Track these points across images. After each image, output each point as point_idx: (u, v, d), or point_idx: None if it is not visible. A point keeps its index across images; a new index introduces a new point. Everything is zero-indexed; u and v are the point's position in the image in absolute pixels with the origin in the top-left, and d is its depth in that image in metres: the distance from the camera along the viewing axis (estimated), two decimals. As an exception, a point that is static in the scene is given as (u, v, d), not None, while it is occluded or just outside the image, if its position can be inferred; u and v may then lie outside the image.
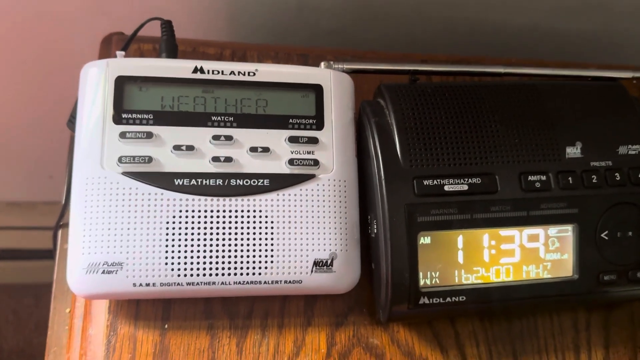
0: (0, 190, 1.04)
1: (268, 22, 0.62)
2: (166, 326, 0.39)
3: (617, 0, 0.60)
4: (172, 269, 0.37)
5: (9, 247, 1.12)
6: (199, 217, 0.37)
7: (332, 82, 0.42)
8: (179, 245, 0.37)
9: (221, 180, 0.38)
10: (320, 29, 0.64)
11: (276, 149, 0.39)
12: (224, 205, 0.38)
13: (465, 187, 0.39)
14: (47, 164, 0.92)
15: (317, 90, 0.41)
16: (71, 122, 0.44)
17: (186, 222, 0.37)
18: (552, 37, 0.66)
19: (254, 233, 0.38)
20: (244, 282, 0.37)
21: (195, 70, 0.40)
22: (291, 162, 0.39)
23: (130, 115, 0.38)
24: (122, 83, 0.39)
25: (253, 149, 0.39)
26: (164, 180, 0.37)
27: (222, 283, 0.37)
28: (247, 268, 0.37)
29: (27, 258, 1.12)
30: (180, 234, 0.37)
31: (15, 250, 1.12)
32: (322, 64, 0.43)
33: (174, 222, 0.37)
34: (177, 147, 0.38)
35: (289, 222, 0.38)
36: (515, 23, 0.64)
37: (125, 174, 0.37)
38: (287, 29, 0.63)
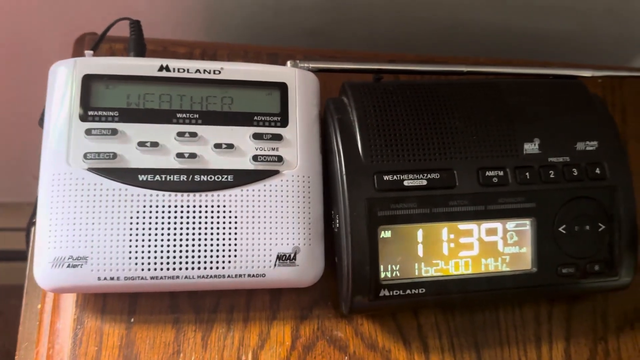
0: (-14, 192, 1.05)
1: (246, 22, 0.63)
2: (132, 320, 0.40)
3: (589, 1, 0.61)
4: (136, 263, 0.37)
5: (-4, 249, 1.12)
6: (163, 212, 0.38)
7: (297, 80, 0.43)
8: (143, 240, 0.37)
9: (185, 176, 0.39)
10: (299, 29, 0.65)
11: (241, 146, 0.40)
12: (187, 201, 0.38)
13: (424, 182, 0.40)
14: (30, 165, 0.92)
15: (282, 88, 0.42)
16: (42, 120, 0.44)
17: (150, 217, 0.38)
18: (526, 37, 0.67)
19: (218, 228, 0.39)
20: (207, 275, 0.38)
21: (161, 68, 0.41)
22: (255, 158, 0.40)
23: (96, 113, 0.39)
24: (89, 81, 0.40)
25: (217, 146, 0.40)
26: (128, 176, 0.38)
27: (186, 277, 0.38)
28: (211, 262, 0.38)
29: (12, 259, 1.13)
30: (144, 229, 0.38)
31: (1, 251, 1.12)
32: (288, 62, 0.44)
33: (137, 217, 0.38)
34: (141, 144, 0.39)
35: (253, 217, 0.39)
36: (491, 23, 0.65)
37: (91, 170, 0.38)
38: (266, 29, 0.64)
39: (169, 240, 0.38)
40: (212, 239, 0.38)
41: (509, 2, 0.61)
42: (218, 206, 0.39)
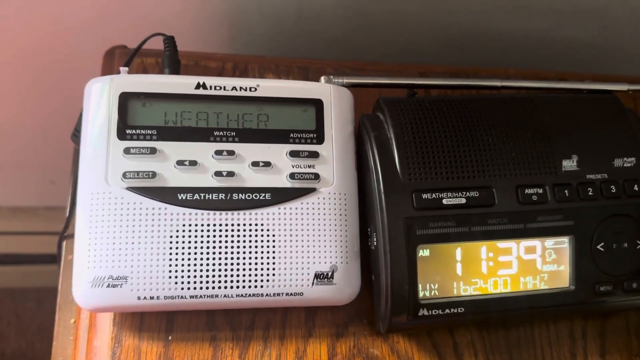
0: (3, 196, 1.05)
1: (268, 31, 0.63)
2: (170, 338, 0.40)
3: (611, 6, 0.60)
4: (176, 283, 0.37)
5: (12, 252, 1.13)
6: (202, 231, 0.38)
7: (332, 96, 0.42)
8: (182, 259, 0.37)
9: (224, 195, 0.39)
10: (320, 38, 0.65)
11: (277, 163, 0.40)
12: (226, 220, 0.38)
13: (463, 201, 0.39)
14: (49, 170, 0.92)
15: (317, 104, 0.42)
16: (75, 135, 0.44)
17: (189, 236, 0.38)
18: (547, 44, 0.67)
19: (256, 246, 0.39)
20: (246, 294, 0.38)
21: (198, 86, 0.40)
22: (292, 176, 0.40)
23: (134, 131, 0.39)
24: (126, 99, 0.39)
25: (255, 164, 0.40)
26: (167, 195, 0.38)
27: (225, 296, 0.38)
28: (250, 281, 0.38)
29: (29, 262, 1.13)
30: (183, 248, 0.38)
31: (18, 255, 1.13)
32: (322, 78, 0.44)
33: (177, 237, 0.38)
34: (180, 162, 0.39)
35: (290, 235, 0.39)
36: (512, 30, 0.64)
37: (130, 189, 0.38)
38: (288, 38, 0.64)
39: (208, 259, 0.38)
40: (250, 258, 0.38)
41: (530, 9, 0.61)
42: (256, 225, 0.39)
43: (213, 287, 0.38)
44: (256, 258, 0.38)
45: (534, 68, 0.61)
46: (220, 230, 0.38)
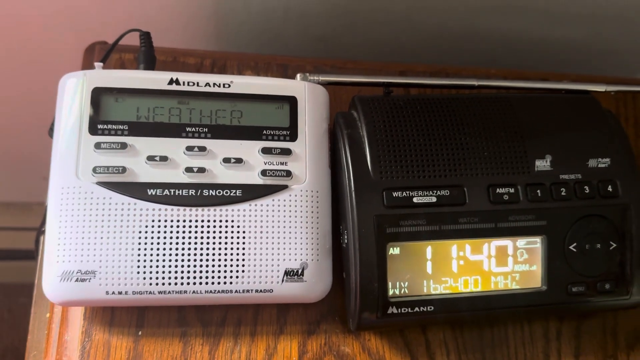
0: (-5, 192, 1.05)
1: (256, 29, 0.63)
2: (140, 333, 0.40)
3: (600, 8, 0.60)
4: (144, 278, 0.37)
5: (4, 247, 1.13)
6: (172, 226, 0.38)
7: (307, 94, 0.42)
8: (151, 255, 0.37)
9: (194, 191, 0.39)
10: (308, 36, 0.65)
11: (249, 160, 0.40)
12: (196, 215, 0.38)
13: (434, 199, 0.39)
14: (41, 166, 0.92)
15: (291, 101, 0.42)
16: (51, 130, 0.44)
17: (159, 232, 0.38)
18: (536, 45, 0.67)
19: (226, 243, 0.39)
20: (215, 290, 0.38)
21: (171, 82, 0.40)
22: (264, 172, 0.40)
23: (105, 126, 0.39)
24: (98, 94, 0.40)
25: (226, 160, 0.40)
26: (137, 190, 0.38)
27: (194, 292, 0.38)
28: (219, 277, 0.38)
29: (21, 258, 1.14)
30: (152, 244, 0.38)
31: (10, 250, 1.13)
32: (298, 75, 0.44)
33: (146, 232, 0.38)
34: (151, 158, 0.39)
35: (261, 232, 0.39)
36: (499, 31, 0.64)
37: (100, 183, 0.38)
38: (275, 36, 0.64)
39: (177, 255, 0.38)
40: (220, 254, 0.38)
41: (518, 10, 0.61)
42: (226, 221, 0.39)
43: (182, 283, 0.38)
44: (226, 254, 0.38)
45: (521, 69, 0.61)
46: (190, 226, 0.38)
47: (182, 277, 0.38)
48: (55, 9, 0.58)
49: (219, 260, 0.38)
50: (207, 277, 0.38)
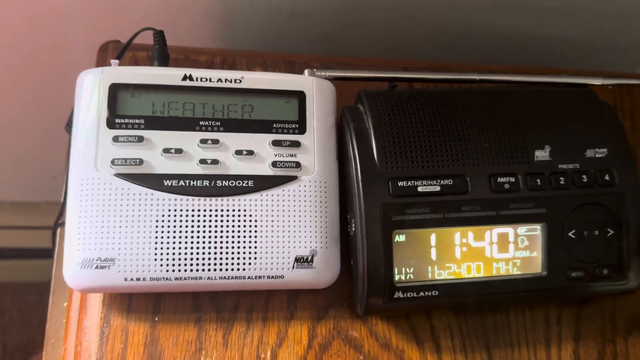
0: (4, 191, 1.07)
1: (262, 27, 0.65)
2: (156, 319, 0.42)
3: (599, 3, 0.62)
4: (161, 265, 0.39)
5: (13, 246, 1.15)
6: (187, 216, 0.40)
7: (315, 88, 0.44)
8: (168, 242, 0.39)
9: (208, 182, 0.40)
10: (313, 34, 0.66)
11: (260, 152, 0.42)
12: (210, 205, 0.40)
13: (438, 188, 0.41)
14: (49, 165, 0.94)
15: (300, 96, 0.44)
16: (69, 126, 0.46)
17: (174, 221, 0.39)
18: (535, 41, 0.68)
19: (239, 231, 0.40)
20: (229, 277, 0.40)
21: (185, 77, 0.42)
22: (274, 164, 0.42)
23: (123, 120, 0.41)
24: (115, 90, 0.41)
25: (238, 152, 0.41)
26: (153, 181, 0.40)
27: (209, 278, 0.40)
28: (232, 264, 0.40)
29: (30, 257, 1.15)
30: (168, 232, 0.39)
31: (19, 249, 1.15)
32: (306, 71, 0.46)
33: (162, 221, 0.39)
34: (166, 150, 0.40)
35: (272, 220, 0.41)
36: (502, 28, 0.66)
37: (118, 175, 0.40)
38: (281, 34, 0.66)
39: (192, 242, 0.39)
40: (233, 242, 0.40)
41: (517, 6, 0.62)
42: (239, 210, 0.40)
43: (197, 270, 0.39)
44: (239, 242, 0.40)
45: (520, 64, 0.62)
46: (204, 216, 0.40)
47: (197, 264, 0.39)
48: (66, 10, 0.60)
49: (232, 247, 0.40)
50: (221, 264, 0.40)
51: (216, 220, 0.40)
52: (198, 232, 0.40)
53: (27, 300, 1.18)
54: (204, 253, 0.40)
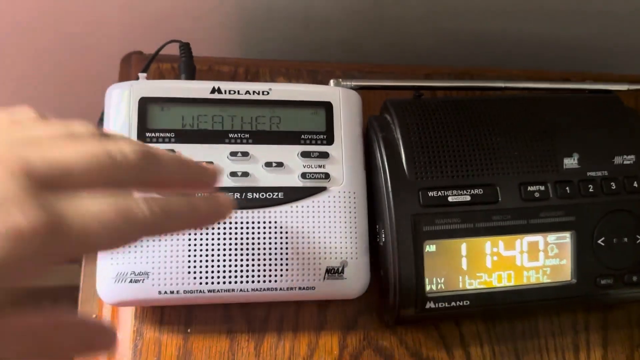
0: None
1: (278, 35, 0.65)
2: (189, 330, 0.42)
3: (612, 5, 0.62)
4: (195, 277, 0.39)
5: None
6: (219, 229, 0.40)
7: (341, 99, 0.44)
8: (201, 256, 0.39)
9: (239, 194, 0.41)
10: (328, 40, 0.66)
11: (289, 164, 0.42)
12: (241, 218, 0.40)
13: (468, 198, 0.41)
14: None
15: (327, 107, 0.44)
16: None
17: (207, 234, 0.40)
18: (551, 44, 0.68)
19: (270, 243, 0.40)
20: (261, 289, 0.40)
21: (213, 90, 0.42)
22: (304, 175, 0.42)
23: (153, 134, 0.41)
24: (145, 104, 0.41)
25: (268, 164, 0.42)
26: (185, 194, 0.40)
27: (241, 290, 0.40)
28: (264, 276, 0.40)
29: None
30: (201, 245, 0.39)
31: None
32: (332, 81, 0.46)
33: (195, 234, 0.39)
34: (197, 164, 0.41)
35: (302, 232, 0.41)
36: (516, 32, 0.66)
37: (150, 189, 0.40)
38: (297, 41, 0.66)
39: (224, 255, 0.40)
40: (264, 254, 0.40)
41: (534, 11, 0.62)
42: (270, 222, 0.41)
43: (229, 282, 0.40)
44: (270, 254, 0.40)
45: (538, 68, 0.62)
46: (236, 228, 0.40)
47: (229, 276, 0.40)
48: (88, 22, 0.60)
49: (264, 259, 0.40)
50: (253, 276, 0.40)
51: (248, 233, 0.40)
52: (230, 244, 0.40)
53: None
54: (236, 265, 0.40)
